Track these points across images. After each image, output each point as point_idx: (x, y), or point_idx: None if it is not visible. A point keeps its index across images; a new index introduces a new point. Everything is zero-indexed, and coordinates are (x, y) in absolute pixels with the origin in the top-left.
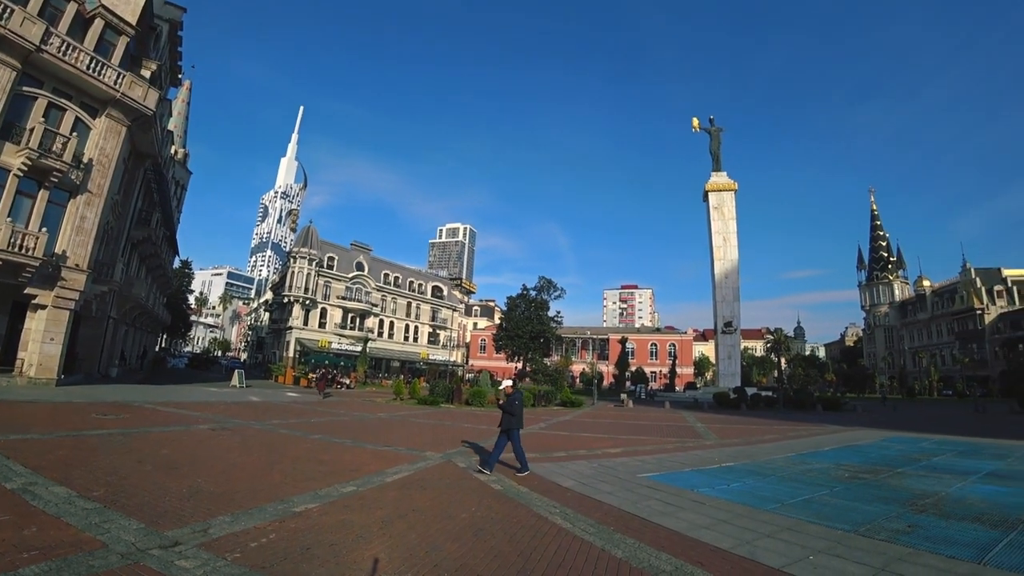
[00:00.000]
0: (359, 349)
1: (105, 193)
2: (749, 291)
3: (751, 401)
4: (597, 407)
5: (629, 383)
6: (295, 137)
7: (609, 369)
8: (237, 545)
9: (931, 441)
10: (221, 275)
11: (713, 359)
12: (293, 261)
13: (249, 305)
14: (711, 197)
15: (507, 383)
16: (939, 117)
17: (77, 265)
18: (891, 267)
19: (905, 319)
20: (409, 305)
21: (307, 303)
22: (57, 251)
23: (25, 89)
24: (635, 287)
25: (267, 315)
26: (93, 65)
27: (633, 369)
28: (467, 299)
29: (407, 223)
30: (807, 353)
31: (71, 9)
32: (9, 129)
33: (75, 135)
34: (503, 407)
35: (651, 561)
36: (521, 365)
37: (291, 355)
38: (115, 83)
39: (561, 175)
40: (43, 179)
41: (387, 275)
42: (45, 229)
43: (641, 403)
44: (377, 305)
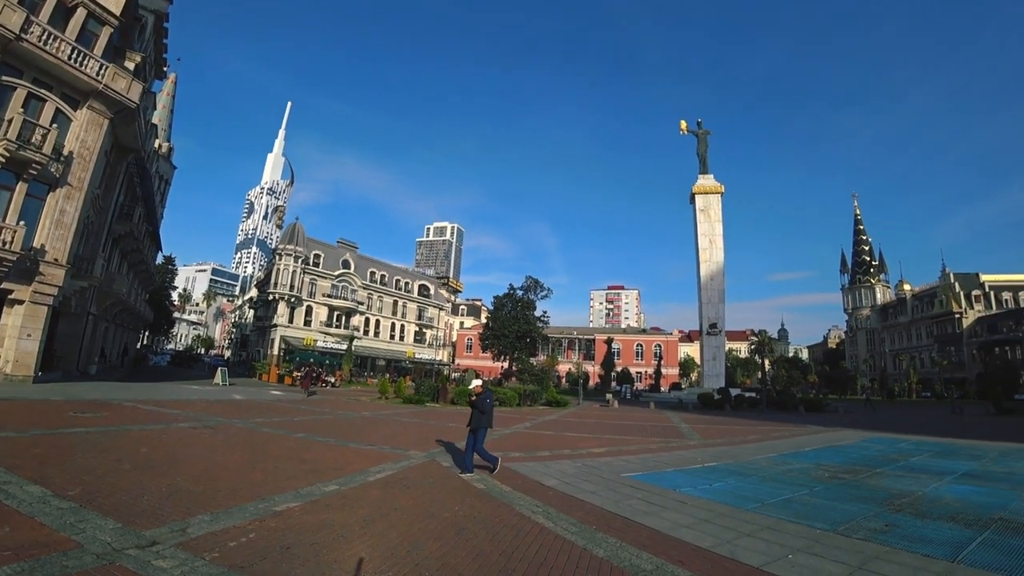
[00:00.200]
0: (345, 347)
1: (86, 187)
2: (734, 293)
3: (735, 402)
4: (582, 407)
5: (615, 383)
6: (282, 133)
7: (595, 369)
8: (216, 544)
9: (909, 442)
10: (205, 271)
11: (698, 360)
12: (279, 258)
13: (233, 302)
14: (698, 199)
15: (477, 382)
16: (922, 124)
17: (56, 260)
18: (873, 271)
19: (886, 322)
20: (395, 304)
21: (292, 300)
22: (35, 245)
23: (4, 79)
24: (622, 288)
25: (252, 312)
26: (75, 55)
27: (619, 369)
28: (454, 298)
29: (395, 221)
30: (790, 355)
31: None
32: None
33: (55, 127)
34: (474, 404)
35: (632, 560)
36: (507, 365)
37: (276, 353)
38: (97, 74)
39: (550, 175)
40: (21, 171)
41: (373, 273)
42: (23, 223)
43: (626, 403)
44: (363, 303)
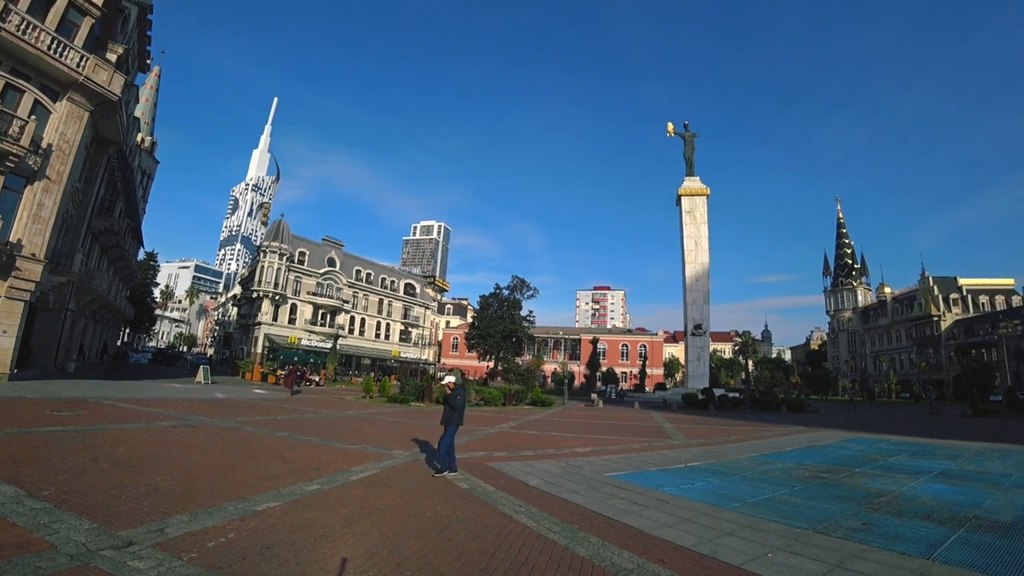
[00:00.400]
0: (329, 346)
1: (65, 180)
2: (719, 294)
3: (719, 402)
4: (567, 407)
5: (600, 383)
6: (268, 129)
7: (580, 369)
8: (194, 545)
9: (888, 442)
10: (188, 268)
11: (683, 360)
12: (263, 255)
13: (217, 299)
14: (684, 201)
15: (450, 378)
16: (905, 129)
17: (33, 255)
18: (855, 274)
19: (867, 324)
20: (381, 302)
21: (277, 298)
22: (12, 239)
23: None
24: (608, 288)
25: (235, 310)
26: (55, 46)
27: (604, 369)
28: (440, 297)
29: (381, 219)
30: (774, 356)
31: None
32: None
33: (34, 118)
34: (445, 401)
35: (614, 559)
36: (493, 364)
37: (259, 351)
38: (78, 66)
39: (538, 175)
40: None
41: (359, 271)
42: None
43: (611, 403)
44: (348, 302)
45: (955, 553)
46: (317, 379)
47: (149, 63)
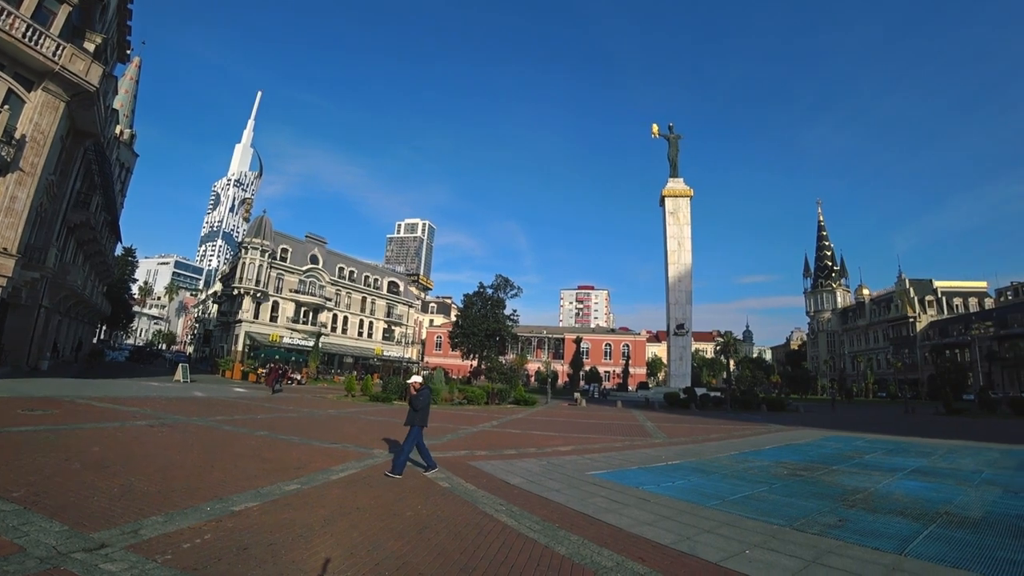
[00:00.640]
0: (311, 344)
1: (39, 172)
2: (701, 295)
3: (700, 401)
4: (551, 406)
5: (583, 382)
6: (251, 123)
7: (564, 368)
8: (169, 546)
9: (864, 440)
10: (168, 264)
11: (665, 360)
12: (245, 252)
13: (197, 296)
14: (667, 202)
15: (415, 379)
16: (885, 133)
17: (5, 249)
18: (835, 275)
19: (846, 325)
20: (364, 300)
21: (258, 296)
22: None
23: None
24: (591, 288)
25: (216, 307)
26: (30, 33)
27: (587, 368)
28: (424, 296)
29: (365, 217)
30: (755, 356)
31: None
32: None
33: (7, 108)
34: (409, 401)
35: (593, 557)
36: (476, 363)
37: (240, 349)
38: (54, 54)
39: (523, 174)
40: None
41: (342, 269)
42: None
43: (594, 402)
44: (331, 299)
45: (927, 548)
46: (299, 377)
47: (129, 54)
